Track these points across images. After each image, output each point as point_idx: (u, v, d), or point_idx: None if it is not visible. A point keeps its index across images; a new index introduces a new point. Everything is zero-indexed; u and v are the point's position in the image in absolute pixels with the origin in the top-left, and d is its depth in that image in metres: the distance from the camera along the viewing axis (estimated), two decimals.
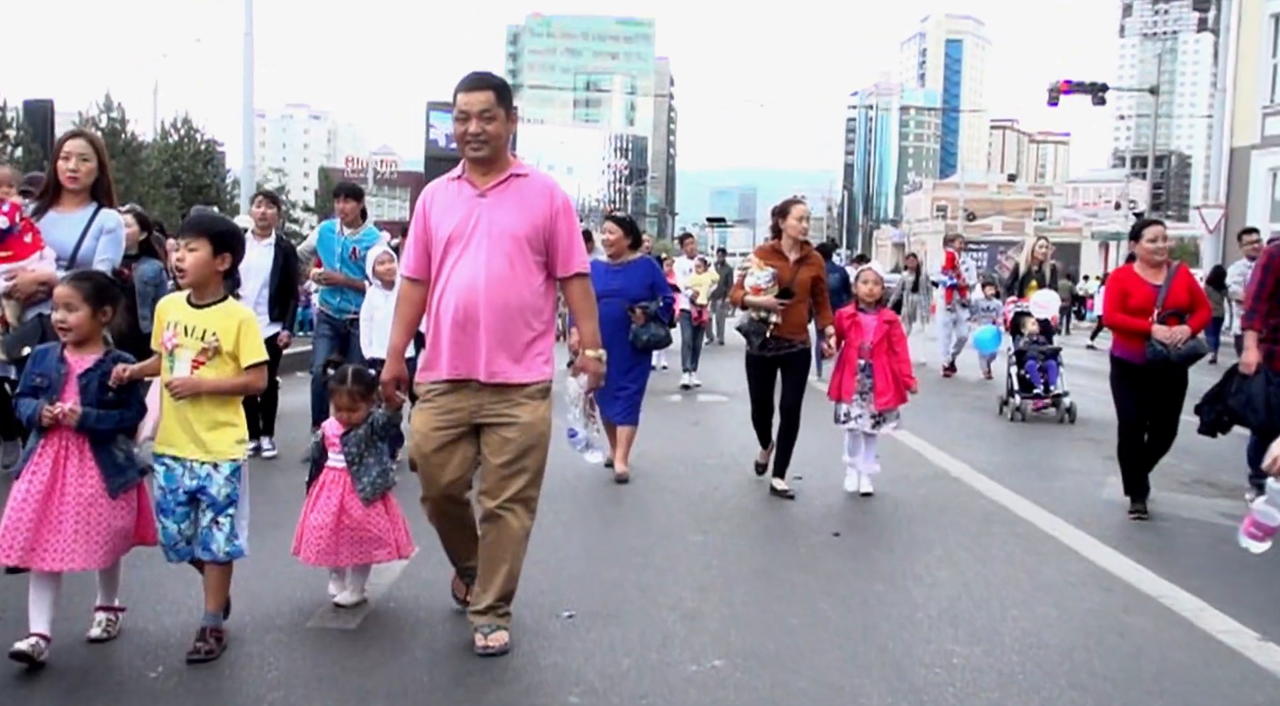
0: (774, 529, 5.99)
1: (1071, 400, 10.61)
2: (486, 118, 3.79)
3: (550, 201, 3.92)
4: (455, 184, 3.97)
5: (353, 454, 4.36)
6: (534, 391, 3.94)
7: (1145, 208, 37.84)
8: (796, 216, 6.78)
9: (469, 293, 3.81)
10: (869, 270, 7.15)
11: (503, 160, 3.91)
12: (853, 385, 6.82)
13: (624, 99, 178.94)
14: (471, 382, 3.89)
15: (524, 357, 3.89)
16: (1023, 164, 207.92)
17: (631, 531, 5.83)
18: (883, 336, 6.83)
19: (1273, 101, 29.98)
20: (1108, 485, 7.39)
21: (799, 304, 6.73)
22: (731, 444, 8.84)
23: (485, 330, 3.82)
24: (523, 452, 3.91)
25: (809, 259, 6.86)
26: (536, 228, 3.87)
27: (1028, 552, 5.52)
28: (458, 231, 3.87)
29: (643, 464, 7.78)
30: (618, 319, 7.12)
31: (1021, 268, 11.81)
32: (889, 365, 6.81)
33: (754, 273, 6.72)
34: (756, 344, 6.74)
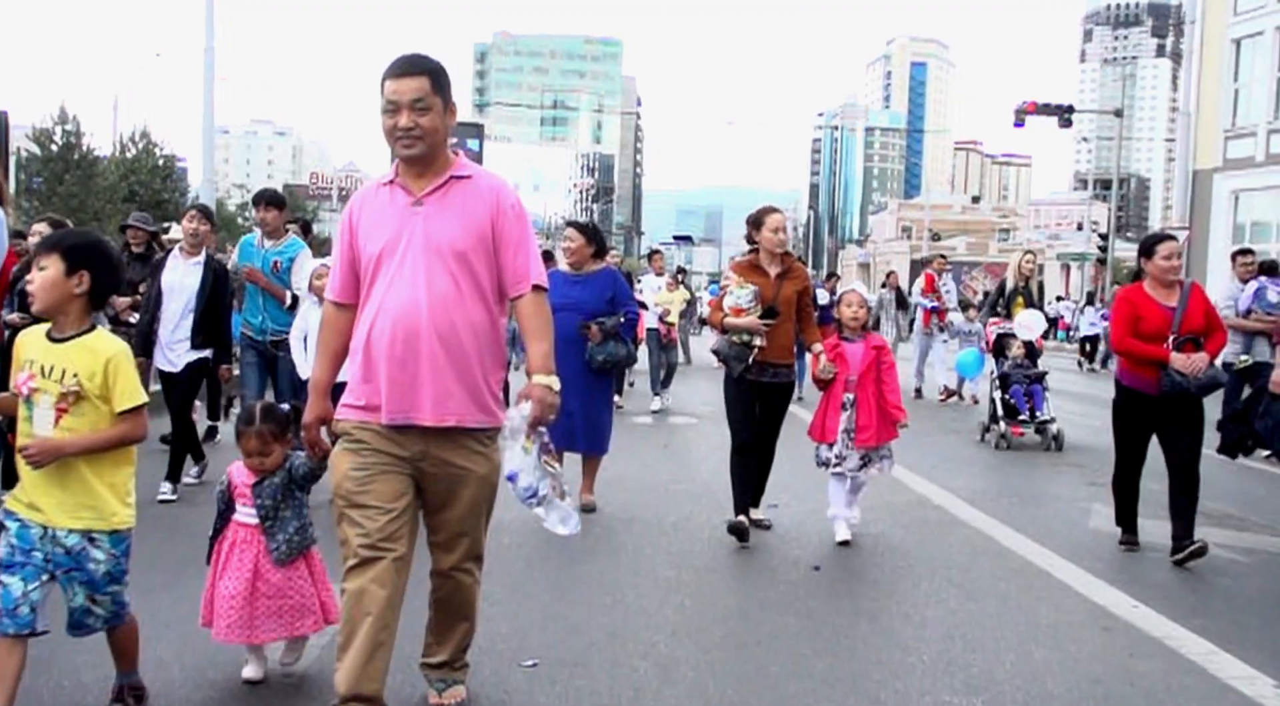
0: (750, 562, 5.64)
1: (1059, 427, 10.16)
2: (419, 108, 3.18)
3: (496, 204, 3.29)
4: (386, 190, 3.32)
5: (266, 507, 3.69)
6: (483, 436, 3.33)
7: (1112, 229, 37.88)
8: (772, 227, 6.01)
9: (408, 317, 3.16)
10: (852, 292, 6.31)
11: (441, 159, 3.28)
12: (836, 423, 6.01)
13: (591, 118, 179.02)
14: (414, 429, 3.23)
15: (479, 395, 3.27)
16: (986, 185, 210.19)
17: (599, 567, 5.46)
18: (870, 365, 6.06)
19: (1234, 125, 30.24)
20: (1094, 513, 7.12)
21: (784, 323, 5.98)
22: (703, 468, 8.52)
23: (430, 362, 3.18)
24: (476, 510, 3.39)
25: (791, 272, 6.11)
26: (483, 238, 3.26)
27: (1020, 589, 5.21)
28: (390, 246, 3.23)
29: (611, 491, 7.42)
30: (571, 336, 6.47)
31: (1008, 284, 11.11)
32: (874, 397, 6.04)
33: (733, 291, 5.93)
34: (738, 369, 5.95)
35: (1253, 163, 29.38)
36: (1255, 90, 29.88)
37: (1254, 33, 29.82)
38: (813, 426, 6.17)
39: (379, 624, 3.14)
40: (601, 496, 7.21)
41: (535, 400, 3.19)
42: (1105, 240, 37.62)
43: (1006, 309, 10.90)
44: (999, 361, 10.66)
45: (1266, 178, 28.84)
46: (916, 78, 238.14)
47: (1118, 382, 6.13)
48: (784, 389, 6.17)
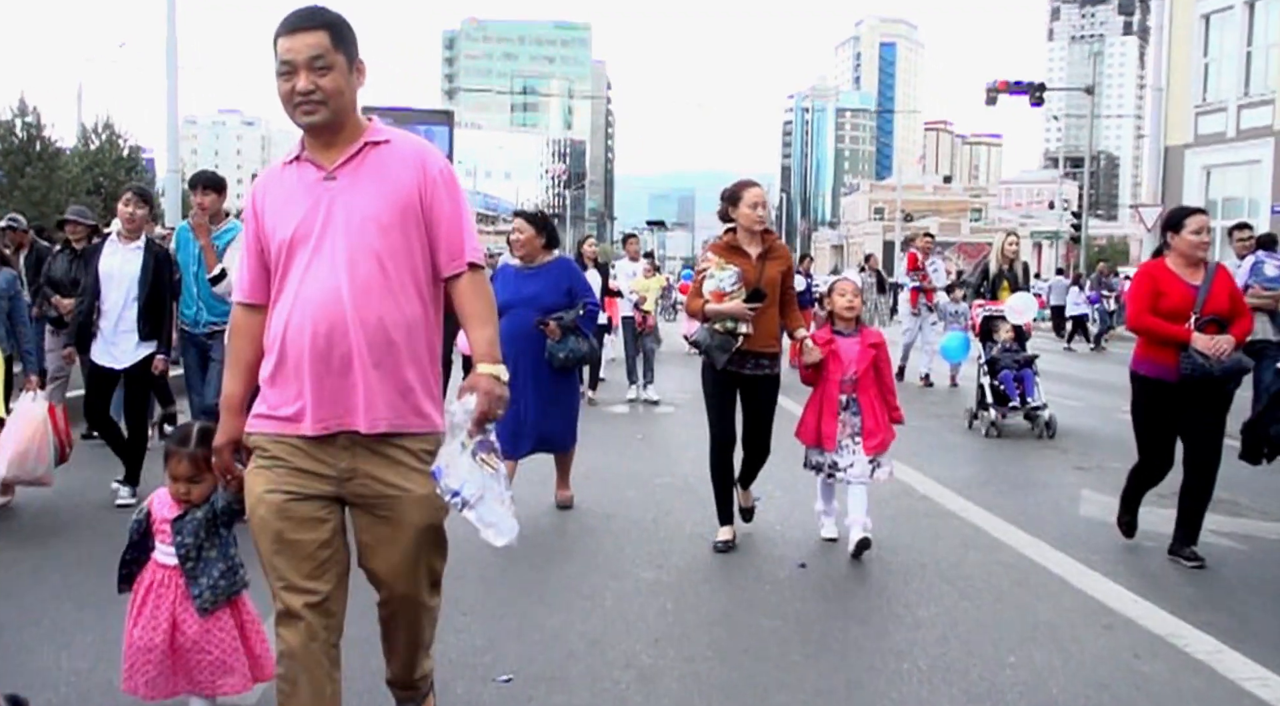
0: (733, 561, 5.42)
1: (1051, 412, 9.80)
2: (319, 68, 2.70)
3: (422, 171, 2.80)
4: (293, 167, 2.84)
5: (187, 546, 3.17)
6: (421, 445, 2.80)
7: (1084, 207, 37.87)
8: (750, 202, 5.46)
9: (330, 309, 2.70)
10: (845, 280, 5.89)
11: (351, 126, 2.81)
12: (835, 428, 5.51)
13: (561, 103, 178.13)
14: (341, 437, 2.75)
15: (415, 396, 2.80)
16: (956, 165, 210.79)
17: (577, 568, 5.23)
18: (869, 364, 5.56)
19: (1204, 100, 30.26)
20: (1084, 499, 6.96)
21: (769, 307, 5.45)
22: (682, 459, 8.29)
23: (360, 359, 2.72)
24: (423, 535, 2.85)
25: (773, 251, 5.55)
26: (409, 210, 2.78)
27: (1015, 584, 5.01)
28: (303, 230, 2.76)
29: (588, 486, 7.19)
30: (528, 333, 6.15)
31: (991, 267, 10.74)
32: (876, 398, 5.56)
33: (714, 274, 5.37)
34: (722, 361, 5.39)
35: (1224, 138, 29.42)
36: (1225, 65, 29.88)
37: (1223, 7, 29.81)
38: (802, 427, 5.66)
39: (314, 688, 2.77)
40: (577, 491, 6.97)
41: (481, 392, 2.70)
42: (1078, 218, 37.62)
43: (991, 293, 10.55)
44: (986, 345, 10.27)
45: (1238, 153, 28.90)
46: (886, 58, 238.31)
47: (1134, 375, 5.64)
48: (770, 383, 5.61)
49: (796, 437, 5.71)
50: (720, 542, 5.58)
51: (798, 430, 5.69)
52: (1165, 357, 5.37)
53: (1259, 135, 28.08)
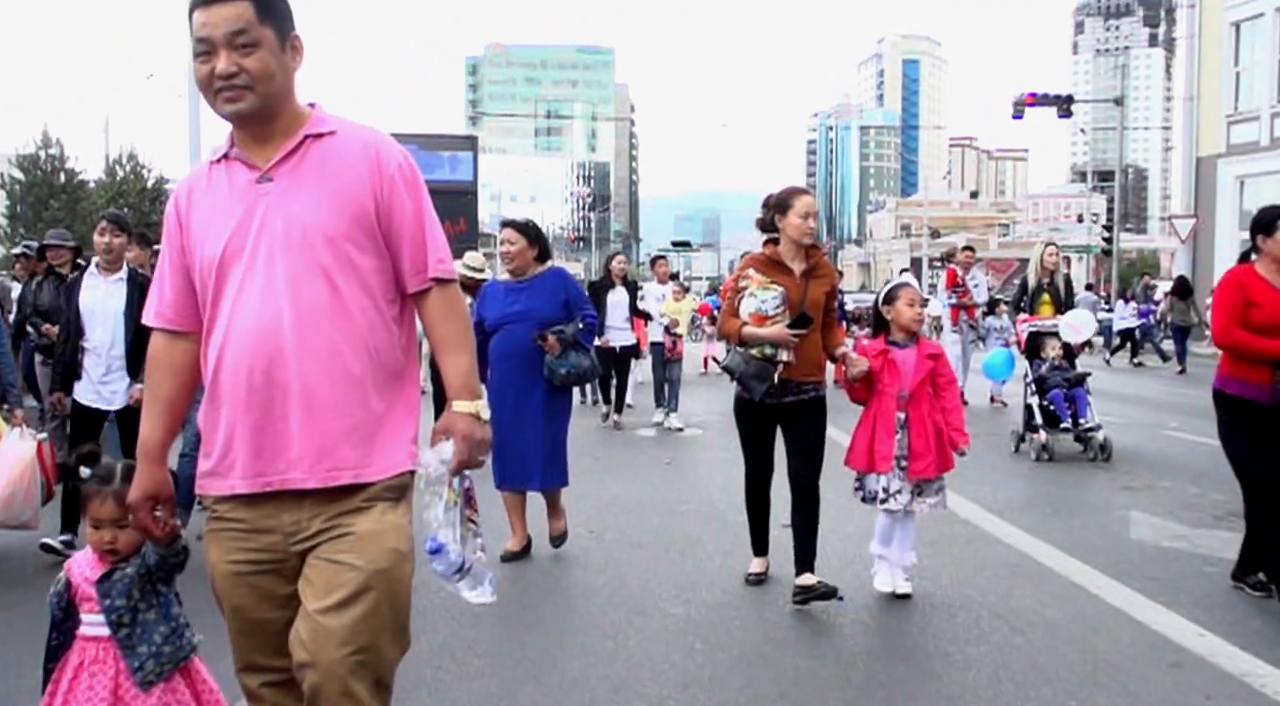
0: (765, 594, 5.10)
1: (1105, 434, 9.04)
2: (242, 46, 2.23)
3: (377, 168, 2.33)
4: (221, 168, 2.36)
5: (119, 609, 2.58)
6: (383, 489, 2.33)
7: (1116, 220, 37.32)
8: (801, 211, 4.81)
9: (268, 341, 2.25)
10: (907, 287, 5.13)
11: (288, 115, 2.33)
12: (890, 449, 4.88)
13: (585, 126, 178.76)
14: (286, 496, 2.30)
15: (372, 438, 2.32)
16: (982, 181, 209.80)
17: (599, 604, 4.93)
18: (925, 377, 4.95)
19: (1236, 110, 29.76)
20: (1134, 521, 6.59)
21: (813, 332, 4.82)
22: (710, 485, 7.99)
23: (307, 399, 2.26)
24: (364, 587, 2.24)
25: (819, 268, 4.95)
26: (361, 216, 2.31)
27: (1069, 617, 4.67)
28: (235, 246, 2.29)
29: (612, 514, 6.92)
30: (525, 350, 5.64)
31: (1030, 280, 10.11)
32: (930, 416, 4.93)
33: (755, 293, 4.76)
34: (759, 391, 4.79)
35: (1257, 147, 28.89)
36: (1257, 74, 29.39)
37: (1254, 15, 29.35)
38: (853, 451, 5.01)
39: None
40: (601, 520, 6.71)
41: (459, 436, 2.32)
42: (1109, 231, 37.05)
43: (1031, 308, 9.95)
44: (1033, 363, 9.61)
45: (1272, 162, 28.34)
46: (909, 75, 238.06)
47: (1219, 394, 5.08)
48: (815, 406, 4.91)
49: (847, 465, 5.06)
50: (753, 575, 5.24)
51: (848, 455, 5.04)
52: (1256, 376, 4.86)
53: None
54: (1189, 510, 6.94)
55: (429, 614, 4.67)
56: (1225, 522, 6.58)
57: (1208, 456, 9.39)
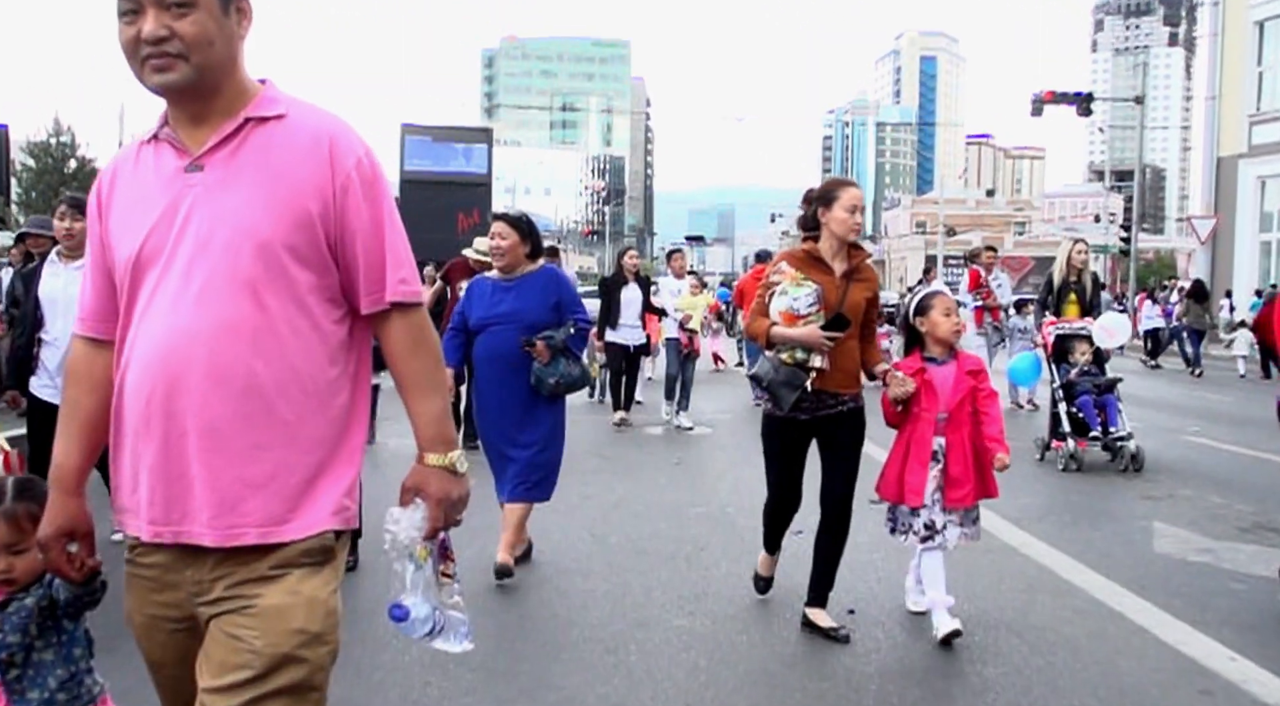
0: (774, 607, 4.89)
1: (1137, 445, 8.55)
2: (175, 5, 1.87)
3: (330, 162, 1.95)
4: (150, 151, 2.00)
5: (10, 645, 2.22)
6: (301, 553, 1.93)
7: (1135, 220, 36.92)
8: (847, 205, 4.33)
9: (172, 361, 1.87)
10: (941, 296, 4.60)
11: (230, 92, 1.96)
12: (923, 481, 4.36)
13: (600, 120, 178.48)
14: (191, 550, 1.92)
15: (293, 490, 1.93)
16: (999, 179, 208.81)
17: (600, 615, 4.74)
18: (965, 396, 4.43)
19: (1259, 109, 29.37)
20: (1157, 533, 6.37)
21: (850, 339, 4.37)
22: (719, 487, 7.80)
23: (205, 438, 1.88)
24: (260, 673, 1.86)
25: (861, 270, 4.51)
26: (305, 221, 1.92)
27: (1091, 636, 4.46)
28: (153, 244, 1.92)
29: (617, 517, 6.73)
30: (511, 355, 5.21)
31: (1055, 279, 9.58)
32: (969, 438, 4.42)
33: (787, 290, 4.31)
34: (789, 401, 4.34)
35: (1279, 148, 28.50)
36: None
37: (1277, 14, 28.96)
38: (885, 480, 4.50)
39: None
40: (606, 523, 6.52)
41: (432, 499, 2.00)
42: (1127, 231, 36.66)
43: (1056, 308, 9.52)
44: (1060, 368, 9.11)
45: None
46: (926, 72, 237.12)
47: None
48: (853, 418, 4.45)
49: (878, 493, 4.59)
50: (762, 579, 4.92)
51: (879, 481, 4.55)
52: None
53: None
54: (1213, 521, 6.72)
55: None
56: (1251, 535, 6.36)
57: (1230, 464, 9.19)
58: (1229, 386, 17.66)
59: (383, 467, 7.63)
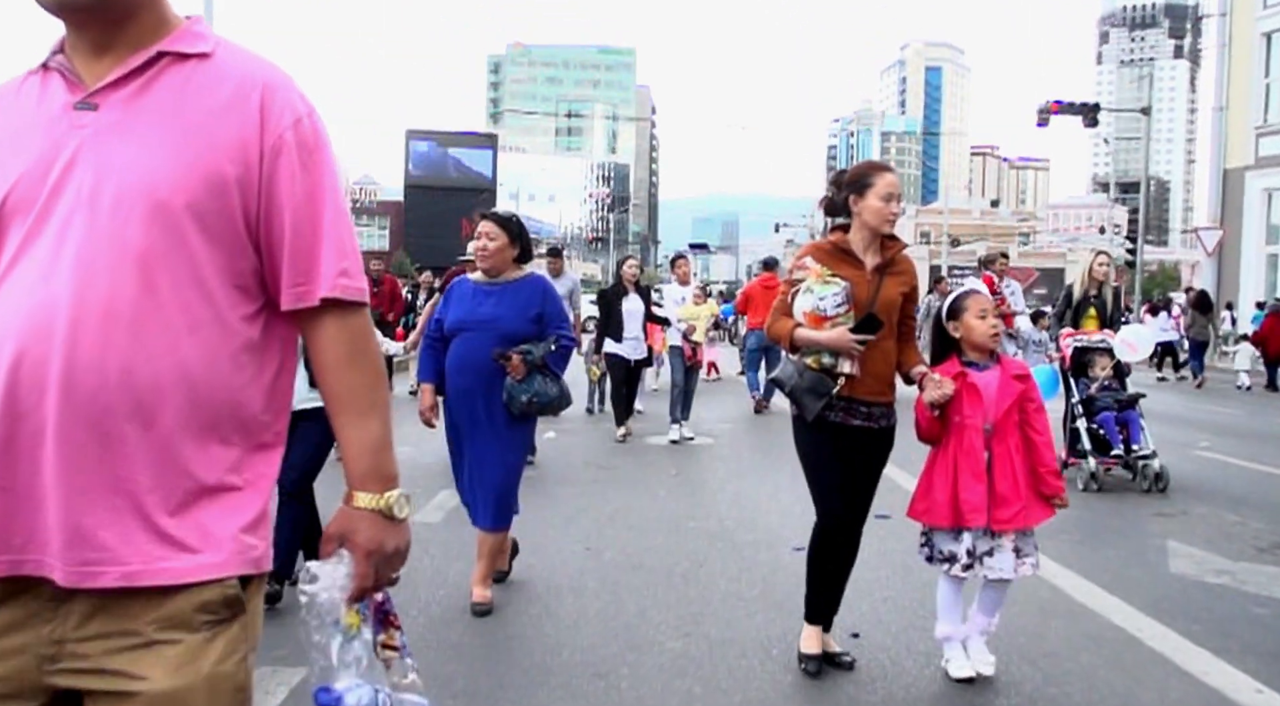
0: (774, 629, 4.66)
1: (1161, 463, 8.14)
2: None
3: (260, 117, 1.57)
4: (36, 80, 1.61)
5: None
6: (197, 606, 1.50)
7: (1141, 231, 36.69)
8: (883, 192, 3.92)
9: (32, 342, 1.46)
10: (975, 295, 4.10)
11: (147, 20, 1.58)
12: (981, 498, 3.85)
13: (605, 127, 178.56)
14: (42, 586, 1.47)
15: (183, 523, 1.50)
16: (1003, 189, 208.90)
17: (591, 636, 4.51)
18: (1013, 404, 3.95)
19: (1266, 121, 29.18)
20: (1172, 552, 6.14)
21: (884, 341, 3.94)
22: (719, 499, 7.58)
23: (61, 443, 1.45)
24: None
25: (897, 264, 4.06)
26: (219, 182, 1.54)
27: (1108, 664, 4.23)
28: (22, 193, 1.51)
29: (612, 530, 6.51)
30: (484, 365, 4.79)
31: (1076, 292, 9.18)
32: (1019, 454, 3.93)
33: (813, 288, 3.86)
34: (814, 410, 3.90)
35: None
36: None
37: None
38: (927, 500, 3.98)
39: None
40: (601, 537, 6.31)
41: (360, 549, 1.59)
42: (1133, 242, 36.44)
43: (1074, 321, 9.14)
44: (1079, 382, 8.68)
45: None
46: (931, 82, 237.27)
47: None
48: (883, 437, 4.03)
49: (912, 518, 4.09)
50: (808, 658, 4.11)
51: (914, 504, 4.05)
52: None
53: None
54: (1230, 540, 6.49)
55: None
56: (1270, 555, 6.13)
57: (1243, 479, 8.96)
58: (1232, 398, 17.44)
59: None
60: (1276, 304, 21.45)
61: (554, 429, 11.07)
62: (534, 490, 7.82)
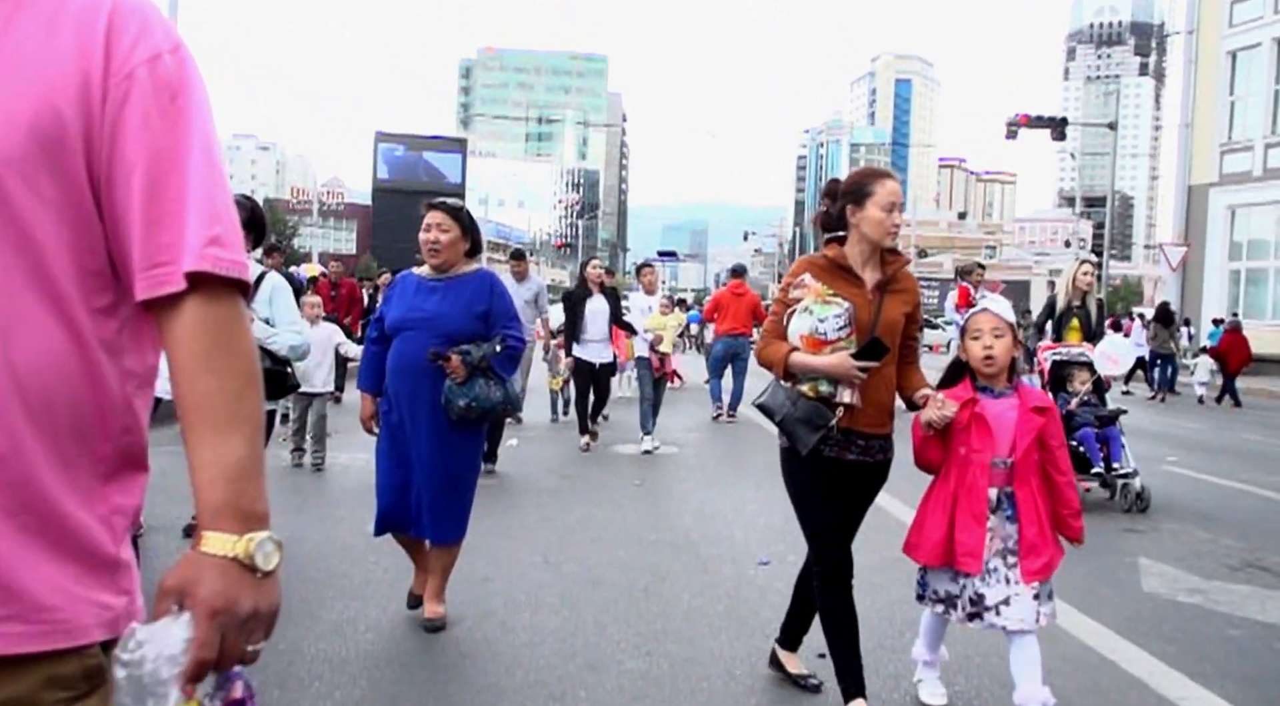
0: (739, 646, 4.50)
1: (1143, 482, 7.86)
2: None
3: (104, 49, 1.22)
4: None
5: None
6: (44, 682, 1.17)
7: (1106, 245, 37.00)
8: (884, 202, 3.55)
9: None
10: (981, 314, 3.69)
11: None
12: (980, 541, 3.48)
13: (576, 133, 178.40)
14: None
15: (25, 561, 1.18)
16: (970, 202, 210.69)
17: (547, 655, 4.32)
18: (1033, 439, 3.54)
19: (1230, 139, 29.49)
20: (1144, 570, 6.03)
21: (886, 367, 3.59)
22: (683, 511, 7.40)
23: None
24: None
25: (898, 280, 3.70)
26: (49, 130, 1.18)
27: (1085, 690, 4.08)
28: None
29: (572, 544, 6.32)
30: (423, 366, 4.47)
31: (1059, 302, 8.80)
32: (1042, 496, 3.56)
33: (811, 308, 3.50)
34: (809, 442, 3.51)
35: (1250, 177, 28.68)
36: (1252, 103, 29.20)
37: (1250, 44, 29.15)
38: (922, 540, 3.62)
39: None
40: (561, 549, 6.11)
41: (203, 608, 1.16)
42: (1099, 256, 36.72)
43: (1057, 333, 8.82)
44: (1057, 397, 8.19)
45: (1264, 193, 28.13)
46: (901, 95, 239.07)
47: None
48: (876, 471, 3.70)
49: (907, 554, 3.72)
50: (801, 676, 3.98)
51: (909, 542, 3.70)
52: None
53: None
54: (1201, 558, 6.39)
55: (348, 664, 4.08)
56: (1242, 574, 6.03)
57: (1212, 496, 8.89)
58: (1193, 412, 17.50)
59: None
60: (1234, 320, 21.67)
61: (517, 436, 10.86)
62: (493, 499, 7.62)
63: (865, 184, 3.59)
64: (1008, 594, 3.48)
